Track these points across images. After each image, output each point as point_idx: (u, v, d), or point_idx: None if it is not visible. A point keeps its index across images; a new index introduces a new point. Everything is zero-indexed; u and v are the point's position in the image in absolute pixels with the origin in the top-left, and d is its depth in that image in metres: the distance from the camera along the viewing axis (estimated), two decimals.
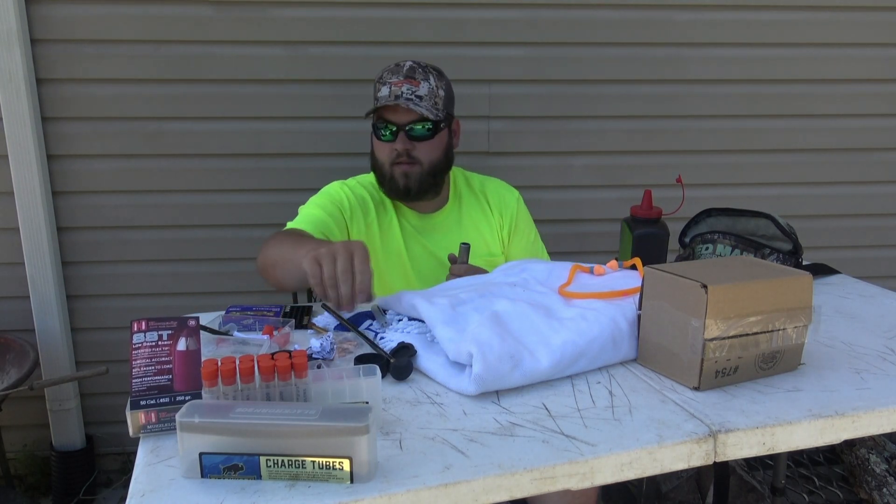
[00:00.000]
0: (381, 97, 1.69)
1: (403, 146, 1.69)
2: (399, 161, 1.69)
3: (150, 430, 0.93)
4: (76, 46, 2.24)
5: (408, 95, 1.67)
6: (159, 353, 0.97)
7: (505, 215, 1.86)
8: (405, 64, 1.73)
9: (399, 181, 1.71)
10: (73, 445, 2.47)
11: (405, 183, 1.71)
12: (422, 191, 1.73)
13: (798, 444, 0.99)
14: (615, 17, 2.42)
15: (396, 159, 1.69)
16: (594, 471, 0.89)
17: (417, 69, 1.72)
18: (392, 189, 1.73)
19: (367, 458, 0.81)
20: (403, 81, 1.69)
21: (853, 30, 2.51)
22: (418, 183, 1.71)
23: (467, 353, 1.05)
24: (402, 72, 1.71)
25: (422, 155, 1.71)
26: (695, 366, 1.05)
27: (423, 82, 1.70)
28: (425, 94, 1.69)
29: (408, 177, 1.70)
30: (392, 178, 1.71)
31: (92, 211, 2.36)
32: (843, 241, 2.70)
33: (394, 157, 1.69)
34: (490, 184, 1.91)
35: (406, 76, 1.70)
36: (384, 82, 1.71)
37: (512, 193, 1.90)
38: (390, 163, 1.70)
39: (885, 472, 2.34)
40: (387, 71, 1.73)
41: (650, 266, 1.13)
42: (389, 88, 1.69)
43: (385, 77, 1.72)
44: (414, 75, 1.71)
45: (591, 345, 1.13)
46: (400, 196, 1.74)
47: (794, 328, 1.10)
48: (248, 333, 1.30)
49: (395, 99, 1.66)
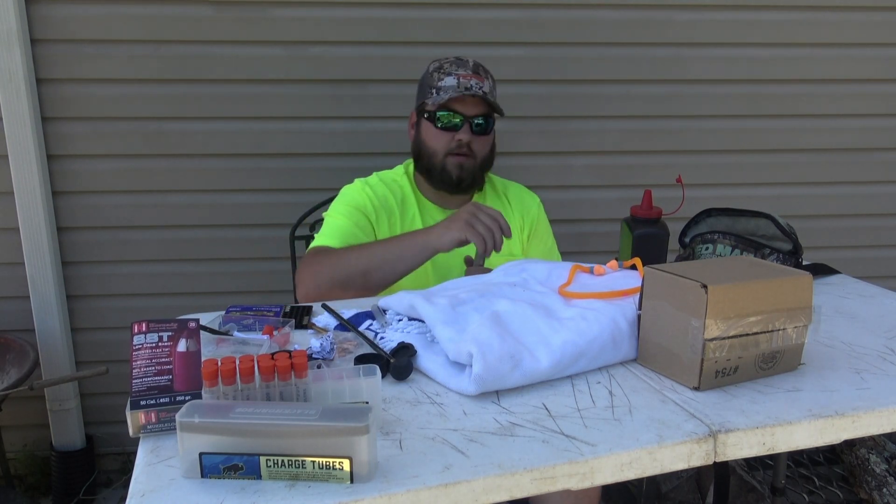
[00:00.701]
0: (448, 87, 1.70)
1: (468, 137, 1.71)
2: (458, 152, 1.71)
3: (150, 431, 0.93)
4: (76, 46, 2.24)
5: (477, 89, 1.70)
6: (159, 354, 0.97)
7: (526, 218, 1.88)
8: (468, 59, 1.76)
9: (453, 172, 1.72)
10: (73, 445, 2.47)
11: (459, 174, 1.72)
12: (472, 184, 1.76)
13: (798, 444, 0.99)
14: (615, 17, 2.42)
15: (455, 150, 1.71)
16: (594, 471, 0.89)
17: (480, 66, 1.76)
18: (443, 180, 1.74)
19: (367, 458, 0.81)
20: (472, 75, 1.72)
21: (853, 30, 2.51)
22: (471, 175, 1.74)
23: (467, 353, 1.05)
24: (468, 66, 1.74)
25: (478, 148, 1.74)
26: (695, 366, 1.05)
27: (486, 79, 1.75)
28: (488, 91, 1.73)
29: (462, 168, 1.72)
30: (444, 169, 1.73)
31: (92, 211, 2.36)
32: (843, 241, 2.70)
33: (453, 148, 1.71)
34: (512, 187, 1.94)
35: (474, 71, 1.73)
36: (448, 73, 1.72)
37: (534, 199, 1.94)
38: (446, 153, 1.72)
39: (885, 472, 2.34)
40: (448, 63, 1.75)
41: (650, 266, 1.13)
42: (458, 80, 1.70)
43: (449, 68, 1.73)
44: (479, 71, 1.75)
45: (591, 345, 1.13)
46: (450, 187, 1.75)
47: (794, 328, 1.10)
48: (248, 333, 1.30)
49: (467, 90, 1.68)
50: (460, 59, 1.76)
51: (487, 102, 1.72)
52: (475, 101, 1.70)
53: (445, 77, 1.72)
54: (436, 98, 1.71)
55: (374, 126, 2.38)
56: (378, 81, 2.36)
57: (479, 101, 1.71)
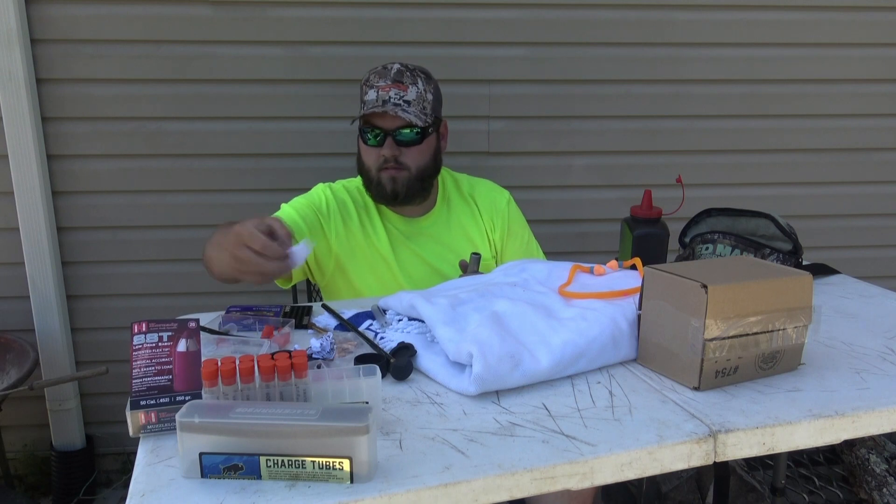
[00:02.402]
0: (368, 101, 1.66)
1: (391, 152, 1.66)
2: (386, 167, 1.67)
3: (149, 431, 0.93)
4: (76, 46, 2.24)
5: (395, 101, 1.64)
6: (159, 354, 0.97)
7: (496, 219, 1.84)
8: (392, 67, 1.69)
9: (386, 186, 1.68)
10: (73, 445, 2.47)
11: (392, 188, 1.68)
12: (409, 196, 1.71)
13: (798, 444, 0.99)
14: (615, 17, 2.42)
15: (384, 165, 1.67)
16: (594, 471, 0.89)
17: (405, 73, 1.69)
18: (379, 194, 1.71)
19: (367, 458, 0.81)
20: (391, 86, 1.66)
21: (853, 30, 2.51)
22: (406, 188, 1.69)
23: (467, 353, 1.05)
24: (389, 75, 1.67)
25: (409, 160, 1.68)
26: (695, 366, 1.05)
27: (410, 87, 1.67)
28: (413, 99, 1.66)
29: (395, 182, 1.68)
30: (379, 184, 1.69)
31: (92, 211, 2.36)
32: (843, 241, 2.70)
33: (381, 163, 1.67)
34: (479, 186, 1.89)
35: (394, 80, 1.66)
36: (371, 85, 1.68)
37: (502, 195, 1.88)
38: (377, 168, 1.68)
39: (885, 472, 2.34)
40: (373, 73, 1.70)
41: (650, 266, 1.13)
42: (377, 93, 1.66)
43: (372, 80, 1.69)
44: (402, 79, 1.67)
45: (591, 345, 1.13)
46: (387, 201, 1.72)
47: (794, 328, 1.10)
48: (248, 333, 1.30)
49: (383, 104, 1.63)
50: (385, 68, 1.69)
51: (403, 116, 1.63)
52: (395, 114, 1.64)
53: (369, 90, 1.68)
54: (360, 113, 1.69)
55: None
56: None
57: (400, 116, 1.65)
